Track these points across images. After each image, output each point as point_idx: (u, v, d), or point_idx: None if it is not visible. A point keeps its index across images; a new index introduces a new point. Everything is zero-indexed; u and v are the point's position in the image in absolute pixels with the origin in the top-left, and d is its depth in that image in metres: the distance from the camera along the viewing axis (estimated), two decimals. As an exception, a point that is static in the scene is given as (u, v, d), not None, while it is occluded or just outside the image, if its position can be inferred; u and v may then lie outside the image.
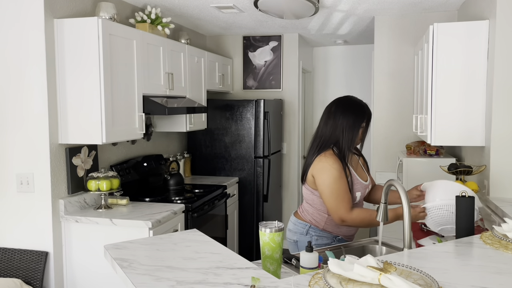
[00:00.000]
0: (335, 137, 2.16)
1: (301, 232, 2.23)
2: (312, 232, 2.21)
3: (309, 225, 2.22)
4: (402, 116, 4.05)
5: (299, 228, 2.24)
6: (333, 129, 2.17)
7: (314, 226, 2.21)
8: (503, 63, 2.61)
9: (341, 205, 2.08)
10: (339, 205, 2.08)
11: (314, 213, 2.22)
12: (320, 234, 2.20)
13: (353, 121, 2.15)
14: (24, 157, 2.75)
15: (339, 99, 2.25)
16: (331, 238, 2.21)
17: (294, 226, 2.27)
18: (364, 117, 2.18)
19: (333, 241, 2.22)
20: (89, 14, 2.99)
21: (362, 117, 2.18)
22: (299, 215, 2.29)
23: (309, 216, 2.24)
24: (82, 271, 2.83)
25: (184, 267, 1.49)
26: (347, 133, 2.14)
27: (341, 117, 2.16)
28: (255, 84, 5.04)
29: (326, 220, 2.20)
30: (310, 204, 2.24)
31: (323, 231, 2.21)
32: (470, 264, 1.49)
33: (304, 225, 2.23)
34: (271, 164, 4.54)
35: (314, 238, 2.19)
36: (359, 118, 2.17)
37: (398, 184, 1.74)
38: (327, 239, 2.20)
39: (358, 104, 2.21)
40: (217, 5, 3.56)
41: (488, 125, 2.71)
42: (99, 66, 2.66)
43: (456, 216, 1.83)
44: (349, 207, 2.10)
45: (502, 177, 2.64)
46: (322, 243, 2.19)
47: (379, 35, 4.08)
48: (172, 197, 3.35)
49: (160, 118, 3.85)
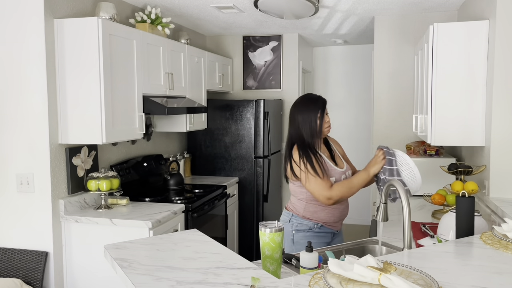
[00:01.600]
0: (298, 133, 2.36)
1: (285, 220, 2.45)
2: (294, 220, 2.40)
3: (291, 213, 2.43)
4: (402, 116, 4.05)
5: (284, 217, 2.47)
6: (296, 128, 2.37)
7: (295, 214, 2.41)
8: (503, 63, 2.61)
9: (319, 185, 2.26)
10: (318, 185, 2.26)
11: (296, 202, 2.42)
12: (300, 221, 2.39)
13: (307, 113, 2.35)
14: (24, 157, 2.75)
15: (294, 102, 2.45)
16: (312, 224, 2.37)
17: (282, 216, 2.51)
18: (317, 107, 2.36)
19: (313, 228, 2.37)
20: (89, 14, 2.99)
21: (315, 108, 2.35)
22: (287, 207, 2.52)
23: (291, 205, 2.46)
24: (82, 271, 2.83)
25: (184, 267, 1.49)
26: (306, 125, 2.34)
27: (297, 114, 2.37)
28: (255, 84, 5.04)
29: (304, 207, 2.38)
30: (293, 195, 2.46)
31: (303, 219, 2.38)
32: (470, 264, 1.49)
33: (288, 214, 2.45)
34: (271, 164, 4.55)
35: (295, 224, 2.39)
36: (312, 109, 2.35)
37: (398, 184, 1.74)
38: (306, 225, 2.38)
39: (309, 98, 2.41)
40: (217, 5, 3.56)
41: (488, 125, 2.71)
42: (99, 66, 2.66)
43: (456, 216, 1.83)
44: (328, 185, 2.27)
45: (502, 177, 2.64)
46: (301, 229, 2.38)
47: (379, 35, 4.08)
48: (172, 197, 3.35)
49: (160, 118, 3.85)
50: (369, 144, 5.82)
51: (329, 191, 2.25)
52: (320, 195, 2.26)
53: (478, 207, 2.71)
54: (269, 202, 4.51)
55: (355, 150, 5.90)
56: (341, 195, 2.28)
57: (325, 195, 2.25)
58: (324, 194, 2.26)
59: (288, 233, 2.38)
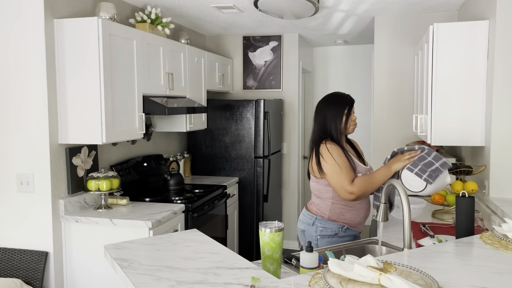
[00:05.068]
0: (325, 129, 2.37)
1: (308, 222, 2.39)
2: (318, 223, 2.35)
3: (315, 217, 2.37)
4: (402, 116, 4.05)
5: (307, 219, 2.40)
6: (322, 123, 2.39)
7: (320, 217, 2.35)
8: (503, 63, 2.61)
9: (343, 179, 2.25)
10: (342, 180, 2.25)
11: (320, 203, 2.37)
12: (325, 225, 2.33)
13: (335, 110, 2.37)
14: (24, 157, 2.75)
15: (322, 98, 2.48)
16: (337, 228, 2.32)
17: (303, 217, 2.44)
18: (345, 104, 2.39)
19: (338, 232, 2.32)
20: (89, 14, 2.99)
21: (344, 105, 2.39)
22: (309, 208, 2.46)
23: (315, 207, 2.39)
24: (82, 271, 2.83)
25: (184, 267, 1.49)
26: (333, 121, 2.37)
27: (326, 109, 2.39)
28: (255, 84, 5.04)
29: (331, 208, 2.33)
30: (316, 195, 2.40)
31: (328, 221, 2.33)
32: (470, 264, 1.49)
33: (311, 216, 2.38)
34: (271, 164, 4.55)
35: (319, 229, 2.34)
36: (341, 106, 2.38)
37: (398, 184, 1.74)
38: (331, 230, 2.32)
39: (338, 96, 2.44)
40: (217, 5, 3.56)
41: (488, 125, 2.71)
42: (99, 66, 2.66)
43: (456, 216, 1.83)
44: (351, 180, 2.26)
45: (502, 177, 2.64)
46: (326, 234, 2.32)
47: (379, 35, 4.08)
48: (172, 197, 3.35)
49: (160, 118, 3.85)
50: (369, 144, 5.82)
51: (351, 186, 2.24)
52: (341, 188, 2.25)
53: (478, 207, 2.71)
54: (269, 202, 4.51)
55: (355, 150, 5.89)
56: (364, 190, 2.25)
57: (348, 190, 2.24)
58: (346, 188, 2.24)
59: (312, 237, 2.35)
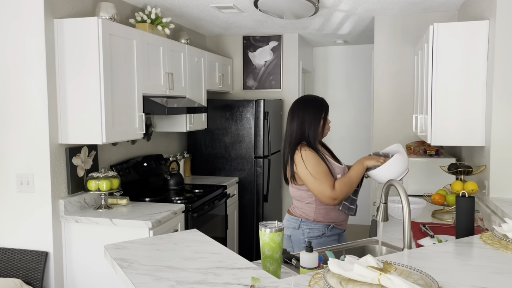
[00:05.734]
0: (301, 132, 2.35)
1: (294, 226, 2.36)
2: (304, 226, 2.33)
3: (300, 219, 2.35)
4: (402, 116, 4.05)
5: (292, 223, 2.38)
6: (298, 126, 2.35)
7: (305, 219, 2.34)
8: (503, 63, 2.61)
9: (324, 186, 2.24)
10: (323, 186, 2.24)
11: (304, 207, 2.35)
12: (311, 226, 2.32)
13: (314, 114, 2.35)
14: (24, 157, 2.75)
15: (297, 100, 2.45)
16: (323, 228, 2.32)
17: (287, 222, 2.42)
18: (323, 109, 2.38)
19: (325, 232, 2.32)
20: (89, 14, 2.99)
21: (321, 109, 2.37)
22: (291, 212, 2.43)
23: (299, 211, 2.37)
24: (82, 271, 2.83)
25: (184, 267, 1.49)
26: (311, 125, 2.34)
27: (302, 113, 2.36)
28: (255, 84, 5.04)
29: (315, 210, 2.33)
30: (298, 200, 2.39)
31: (314, 223, 2.32)
32: (470, 264, 1.49)
33: (296, 220, 2.36)
34: (271, 164, 4.55)
35: (306, 231, 2.32)
36: (319, 110, 2.36)
37: (398, 184, 1.74)
38: (318, 231, 2.32)
39: (315, 99, 2.42)
40: (217, 5, 3.56)
41: (488, 125, 2.71)
42: (99, 66, 2.66)
43: (456, 216, 1.83)
44: (332, 185, 2.26)
45: (502, 177, 2.64)
46: (313, 235, 2.32)
47: (379, 35, 4.08)
48: (172, 197, 3.35)
49: (160, 118, 3.85)
50: (369, 144, 5.82)
51: (333, 191, 2.24)
52: (324, 196, 2.24)
53: (478, 207, 2.71)
54: (269, 202, 4.51)
55: (355, 150, 5.90)
56: (345, 193, 2.27)
57: (331, 196, 2.23)
58: (329, 195, 2.23)
59: (300, 240, 2.32)
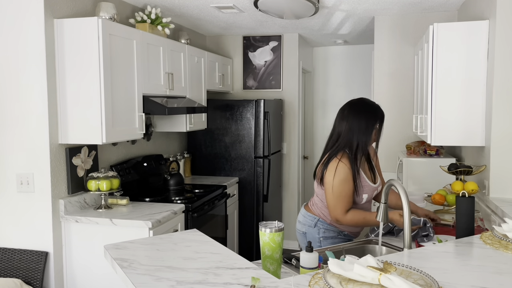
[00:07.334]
0: (348, 139, 2.18)
1: (310, 224, 2.31)
2: (320, 225, 2.28)
3: (317, 218, 2.30)
4: (402, 116, 4.05)
5: (308, 220, 2.32)
6: (347, 131, 2.18)
7: (322, 219, 2.29)
8: (503, 63, 2.61)
9: (338, 206, 2.16)
10: (337, 206, 2.16)
11: (323, 207, 2.28)
12: (327, 227, 2.28)
13: (365, 123, 2.17)
14: (24, 157, 2.75)
15: (351, 102, 2.27)
16: (338, 232, 2.29)
17: (303, 218, 2.35)
18: (376, 118, 2.20)
19: (339, 235, 2.29)
20: (89, 14, 2.99)
21: (375, 119, 2.19)
22: (309, 208, 2.37)
23: (318, 210, 2.31)
24: (82, 271, 2.83)
25: (184, 267, 1.49)
26: (361, 135, 2.16)
27: (354, 120, 2.18)
28: (255, 84, 5.04)
29: None
30: (320, 198, 2.30)
31: (330, 225, 2.28)
32: (470, 264, 1.49)
33: (313, 218, 2.31)
34: (271, 164, 4.54)
35: (322, 230, 2.28)
36: (372, 120, 2.19)
37: (398, 185, 1.74)
38: (333, 232, 2.28)
39: (370, 106, 2.23)
40: (217, 5, 3.56)
41: (488, 125, 2.71)
42: (99, 66, 2.66)
43: (456, 216, 1.83)
44: (345, 209, 2.17)
45: (502, 177, 2.64)
46: (329, 236, 2.28)
47: (379, 35, 4.08)
48: (172, 197, 3.35)
49: (160, 118, 3.85)
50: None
51: (343, 215, 2.16)
52: (332, 212, 2.17)
53: (478, 207, 2.71)
54: (269, 202, 4.51)
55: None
56: (353, 224, 2.20)
57: (337, 217, 2.17)
58: (336, 215, 2.17)
59: (315, 239, 2.28)
